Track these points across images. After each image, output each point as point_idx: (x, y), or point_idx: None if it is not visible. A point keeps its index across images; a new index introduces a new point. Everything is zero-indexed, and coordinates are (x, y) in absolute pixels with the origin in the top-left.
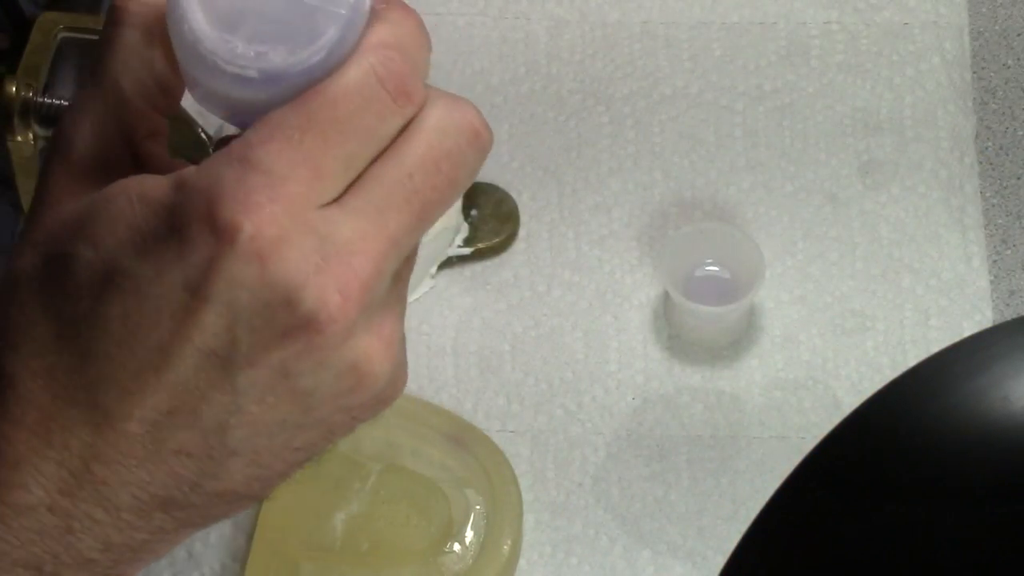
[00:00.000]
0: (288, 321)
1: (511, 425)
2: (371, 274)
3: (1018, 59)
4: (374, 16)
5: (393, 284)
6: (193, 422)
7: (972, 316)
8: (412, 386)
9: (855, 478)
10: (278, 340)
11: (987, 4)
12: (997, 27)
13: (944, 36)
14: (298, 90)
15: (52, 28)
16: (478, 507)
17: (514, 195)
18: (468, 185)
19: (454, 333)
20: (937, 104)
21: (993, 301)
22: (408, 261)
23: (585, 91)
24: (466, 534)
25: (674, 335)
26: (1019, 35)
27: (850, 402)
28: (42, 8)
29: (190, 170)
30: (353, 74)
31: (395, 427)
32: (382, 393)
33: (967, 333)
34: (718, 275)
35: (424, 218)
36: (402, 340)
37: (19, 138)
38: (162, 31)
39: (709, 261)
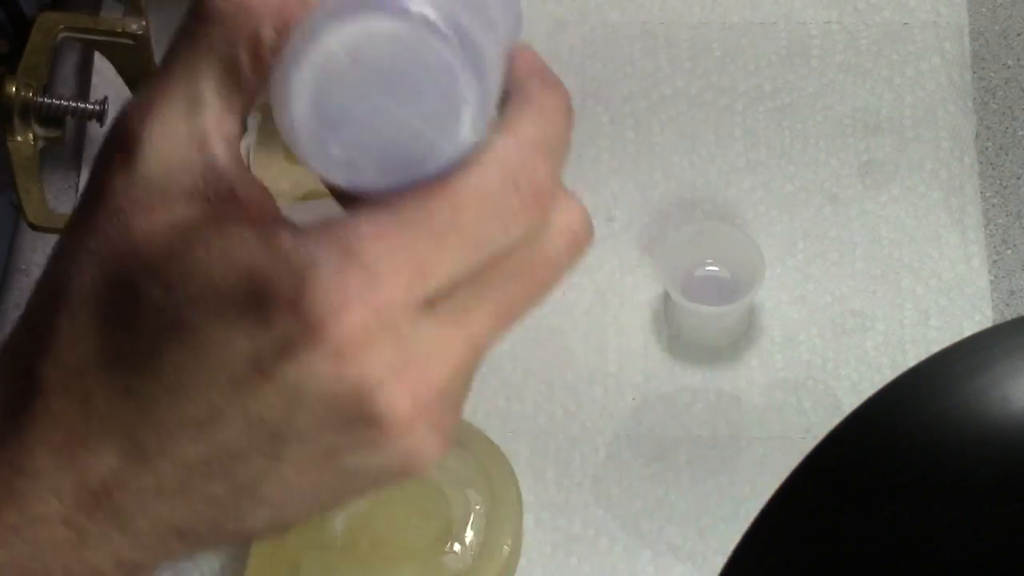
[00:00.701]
0: (351, 415)
1: (511, 425)
2: (447, 381)
3: (1018, 59)
4: (523, 97)
5: (467, 380)
6: (227, 475)
7: (972, 316)
8: None
9: (855, 478)
10: (335, 427)
11: (987, 4)
12: (997, 27)
13: (944, 36)
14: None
15: (52, 28)
16: (478, 507)
17: None
18: (559, 284)
19: None
20: (937, 104)
21: (993, 301)
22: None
23: (585, 91)
24: (466, 534)
25: (674, 335)
26: (1019, 35)
27: (850, 402)
28: (42, 8)
29: (283, 235)
30: (489, 179)
31: None
32: (424, 470)
33: (967, 333)
34: (718, 275)
35: (510, 322)
36: (456, 422)
37: (19, 138)
38: (262, 51)
39: (709, 261)
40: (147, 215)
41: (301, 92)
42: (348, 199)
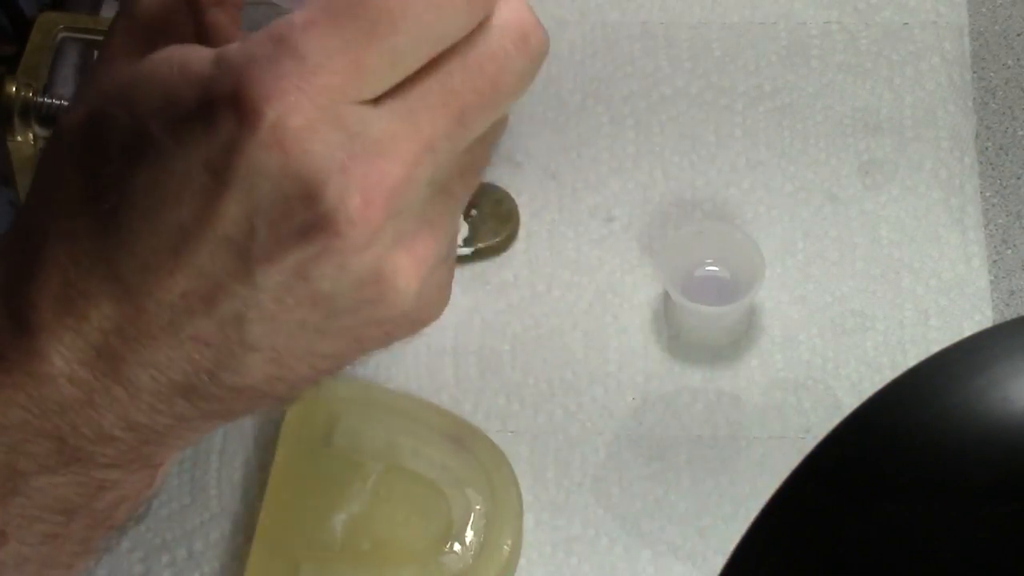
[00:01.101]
0: (306, 218)
1: (511, 425)
2: (399, 179)
3: (1018, 59)
4: None
5: (436, 197)
6: (209, 310)
7: (972, 316)
8: (412, 386)
9: (855, 478)
10: (296, 237)
11: (987, 4)
12: (997, 27)
13: (944, 36)
14: None
15: (52, 28)
16: (478, 507)
17: (514, 195)
18: (518, 94)
19: (454, 333)
20: (937, 104)
21: (993, 301)
22: (465, 177)
23: (585, 91)
24: (466, 534)
25: (674, 335)
26: (1019, 35)
27: (850, 402)
28: (42, 8)
29: (233, 46)
30: None
31: (395, 427)
32: (413, 313)
33: (967, 333)
34: (718, 275)
35: (464, 123)
36: (442, 261)
37: (19, 138)
38: None
39: (709, 261)
40: (132, 56)
41: None
42: None
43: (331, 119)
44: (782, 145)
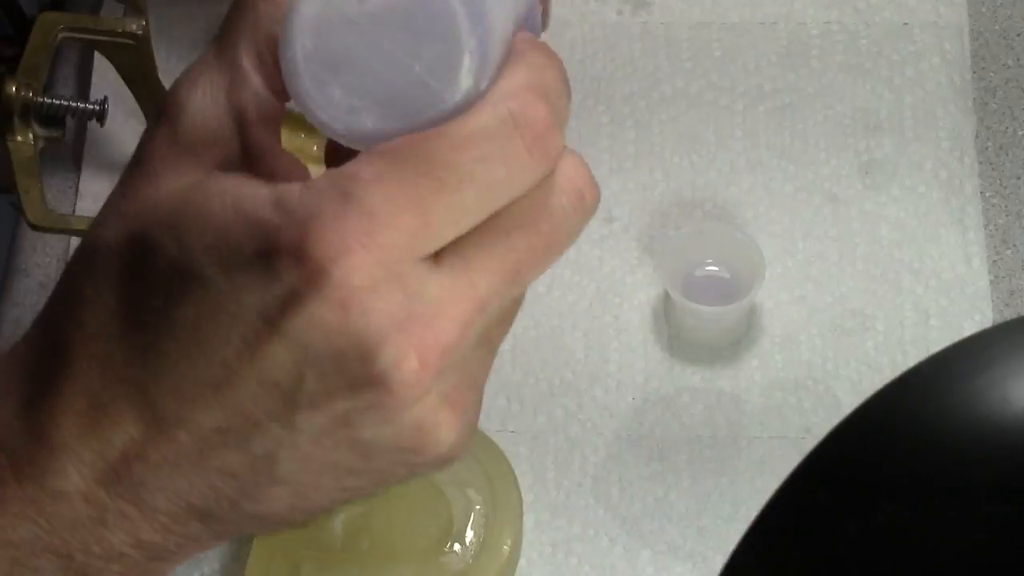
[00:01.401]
0: (359, 374)
1: (511, 425)
2: (453, 339)
3: (1018, 59)
4: (514, 56)
5: (477, 347)
6: (243, 446)
7: (972, 316)
8: None
9: (855, 478)
10: (345, 391)
11: (987, 4)
12: (997, 27)
13: (944, 36)
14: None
15: (52, 28)
16: (478, 507)
17: None
18: (566, 250)
19: None
20: (937, 104)
21: (993, 301)
22: (500, 324)
23: (585, 91)
24: (466, 534)
25: (674, 335)
26: (1019, 35)
27: (850, 402)
28: (42, 8)
29: (292, 189)
30: (487, 117)
31: None
32: (445, 455)
33: (967, 333)
34: (718, 275)
35: (516, 281)
36: (475, 405)
37: (19, 138)
38: None
39: (709, 261)
40: (177, 175)
41: (304, 29)
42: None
43: (393, 278)
44: (782, 145)
